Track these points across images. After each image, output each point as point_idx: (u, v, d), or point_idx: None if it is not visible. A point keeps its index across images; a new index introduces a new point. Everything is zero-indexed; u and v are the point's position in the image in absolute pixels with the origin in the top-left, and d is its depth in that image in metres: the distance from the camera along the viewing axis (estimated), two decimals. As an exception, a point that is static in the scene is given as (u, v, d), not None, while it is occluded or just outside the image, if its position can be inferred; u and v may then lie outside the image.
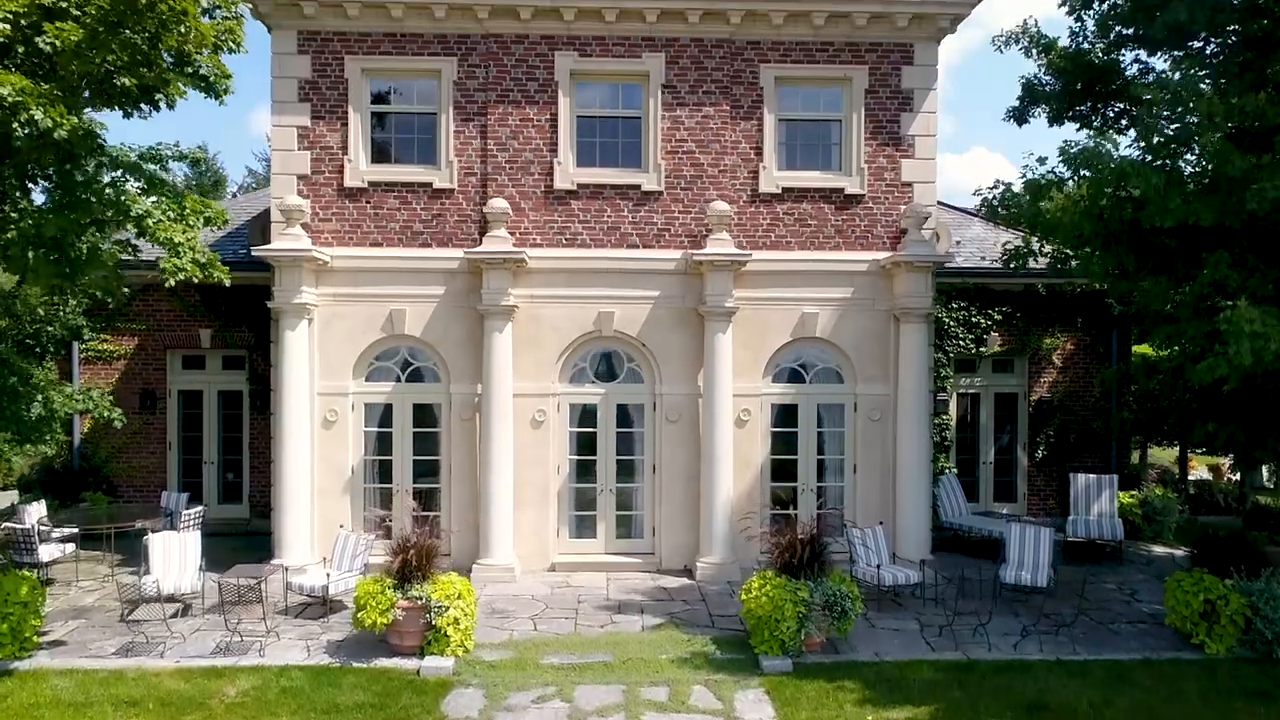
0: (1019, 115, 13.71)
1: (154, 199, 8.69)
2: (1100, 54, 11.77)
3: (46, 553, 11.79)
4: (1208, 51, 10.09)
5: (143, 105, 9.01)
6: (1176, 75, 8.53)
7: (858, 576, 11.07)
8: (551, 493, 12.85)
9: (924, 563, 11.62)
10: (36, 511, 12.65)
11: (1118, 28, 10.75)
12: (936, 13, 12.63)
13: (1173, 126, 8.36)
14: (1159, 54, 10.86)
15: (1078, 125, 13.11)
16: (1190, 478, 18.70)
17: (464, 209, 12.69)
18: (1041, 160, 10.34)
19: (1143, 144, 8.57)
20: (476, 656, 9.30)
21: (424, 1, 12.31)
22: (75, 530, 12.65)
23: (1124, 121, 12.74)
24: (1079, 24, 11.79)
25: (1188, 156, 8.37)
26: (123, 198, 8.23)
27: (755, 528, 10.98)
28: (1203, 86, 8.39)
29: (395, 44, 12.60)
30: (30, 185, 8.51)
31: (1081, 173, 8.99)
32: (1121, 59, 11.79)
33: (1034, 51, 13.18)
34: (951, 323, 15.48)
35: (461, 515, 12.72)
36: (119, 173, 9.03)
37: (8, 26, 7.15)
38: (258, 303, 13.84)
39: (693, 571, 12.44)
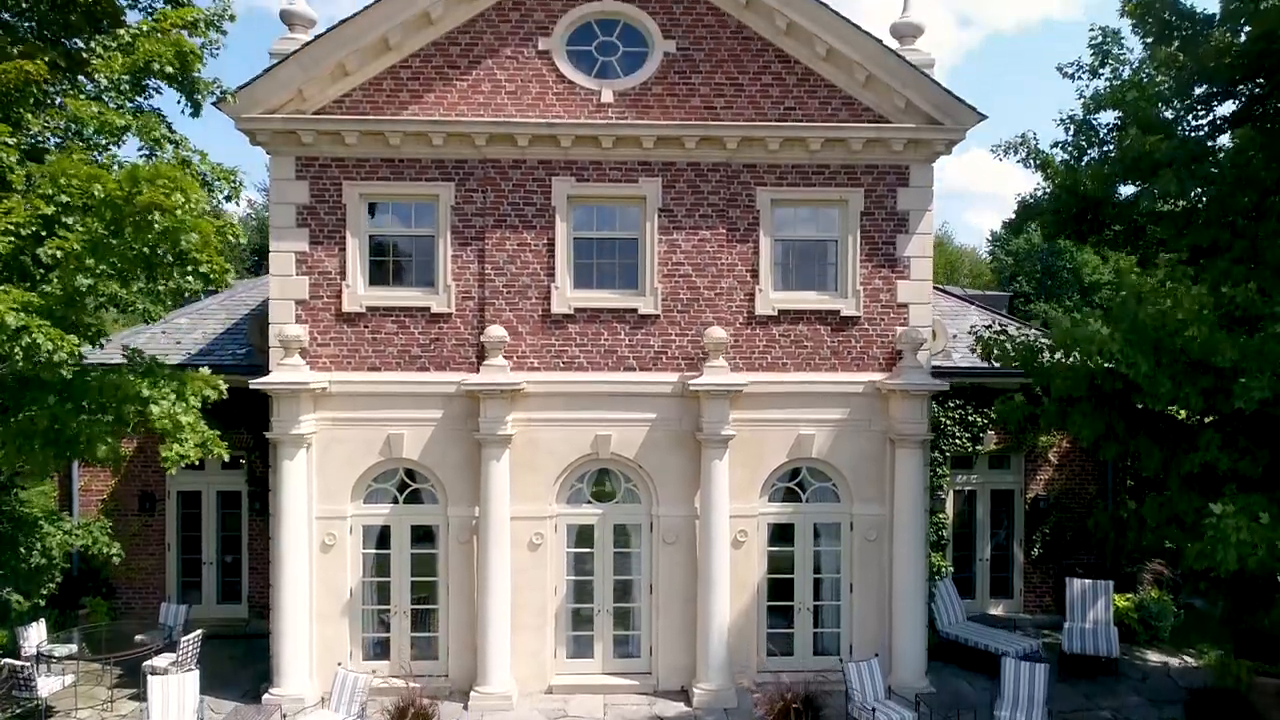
0: (1015, 228, 13.77)
1: (150, 377, 8.72)
2: (1091, 184, 11.80)
3: (46, 687, 11.80)
4: (1199, 207, 10.14)
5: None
6: (1163, 274, 8.59)
7: (854, 716, 11.17)
8: (549, 614, 12.90)
9: (919, 699, 11.68)
10: (36, 635, 12.71)
11: (1111, 174, 10.80)
12: (932, 138, 12.68)
13: (1161, 318, 8.40)
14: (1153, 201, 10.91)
15: (1074, 243, 13.16)
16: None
17: (462, 333, 12.74)
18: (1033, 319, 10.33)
19: (1134, 334, 8.59)
20: (474, 823, 9.35)
21: (422, 130, 12.36)
22: (74, 648, 12.74)
23: (1122, 238, 12.85)
24: (1070, 166, 11.84)
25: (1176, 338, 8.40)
26: (121, 389, 8.27)
27: (751, 675, 11.02)
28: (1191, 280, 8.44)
29: (393, 169, 12.65)
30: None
31: (1072, 352, 9.04)
32: (1117, 193, 11.84)
33: (1032, 163, 13.28)
34: (948, 421, 15.52)
35: (460, 636, 12.77)
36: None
37: (9, 240, 7.20)
38: (256, 405, 13.80)
39: (690, 695, 12.49)
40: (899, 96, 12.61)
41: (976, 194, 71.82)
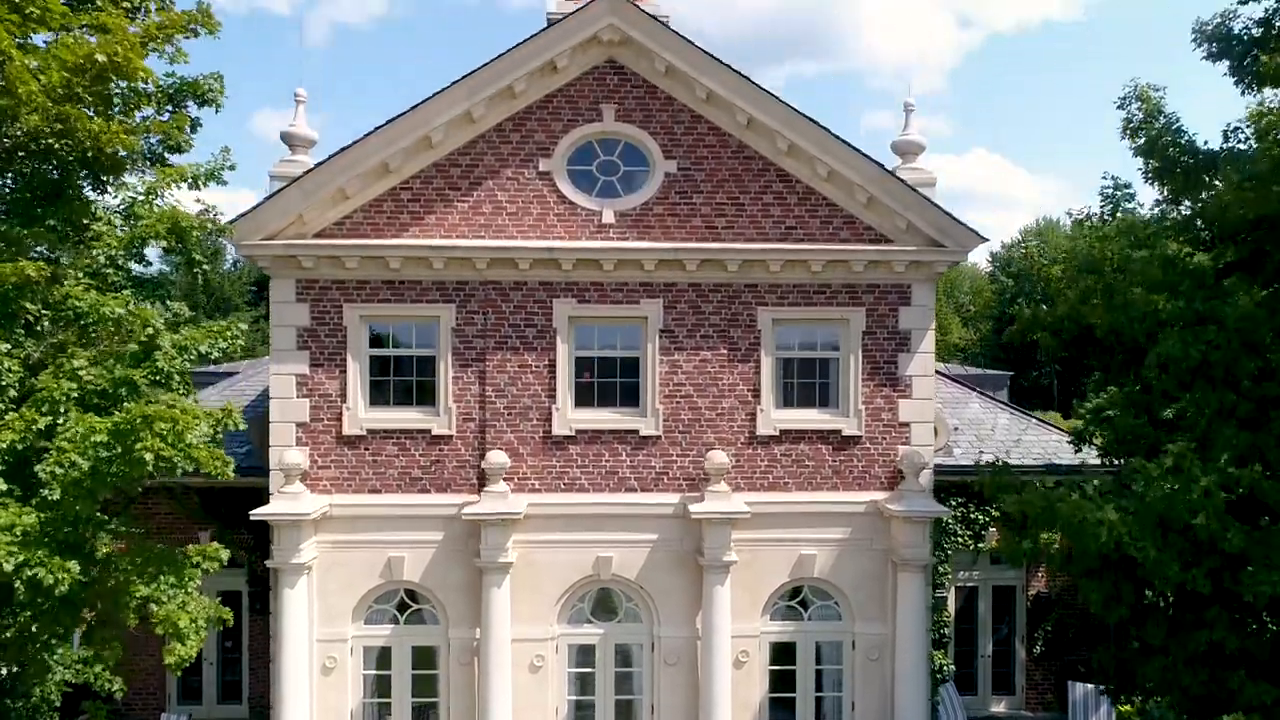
0: (1021, 337, 13.72)
1: (147, 571, 8.67)
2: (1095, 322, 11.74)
3: (46, 822, 11.78)
4: (1207, 363, 10.08)
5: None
6: (1170, 462, 8.56)
7: None
8: (550, 734, 12.87)
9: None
10: (35, 755, 12.66)
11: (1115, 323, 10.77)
12: (934, 259, 12.67)
13: (1169, 503, 8.37)
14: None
15: (1074, 356, 13.12)
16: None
17: (463, 454, 12.70)
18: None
19: (1136, 510, 8.57)
20: None
21: (423, 254, 12.34)
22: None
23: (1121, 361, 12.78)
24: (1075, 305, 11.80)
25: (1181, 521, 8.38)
26: (120, 597, 8.22)
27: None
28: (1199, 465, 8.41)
29: (394, 291, 12.61)
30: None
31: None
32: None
33: (1034, 276, 13.25)
34: (950, 520, 15.45)
35: (460, 756, 12.74)
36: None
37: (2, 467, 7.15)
38: (258, 504, 13.78)
39: (691, 818, 12.47)
40: (900, 218, 12.59)
41: (978, 195, 71.61)
